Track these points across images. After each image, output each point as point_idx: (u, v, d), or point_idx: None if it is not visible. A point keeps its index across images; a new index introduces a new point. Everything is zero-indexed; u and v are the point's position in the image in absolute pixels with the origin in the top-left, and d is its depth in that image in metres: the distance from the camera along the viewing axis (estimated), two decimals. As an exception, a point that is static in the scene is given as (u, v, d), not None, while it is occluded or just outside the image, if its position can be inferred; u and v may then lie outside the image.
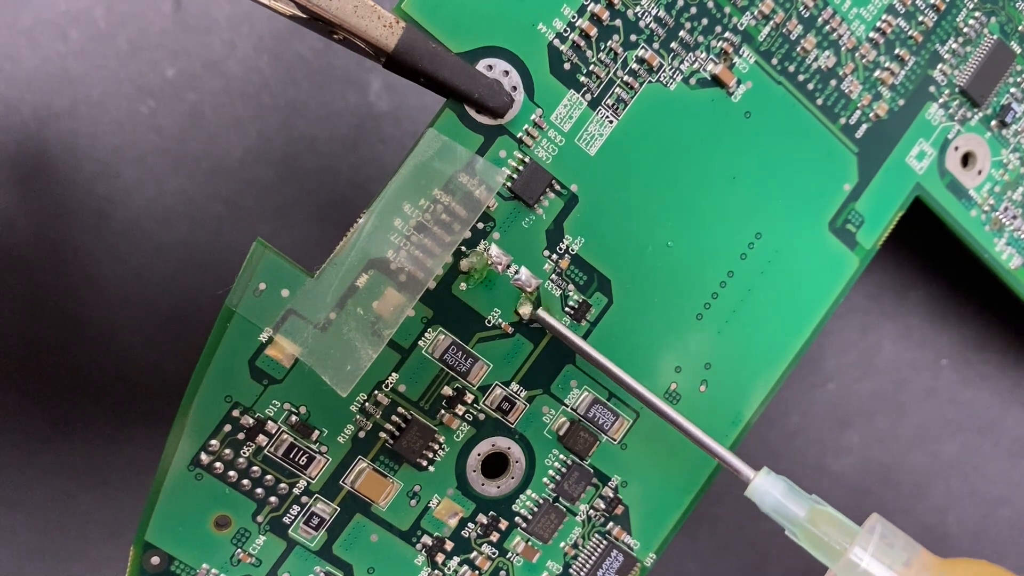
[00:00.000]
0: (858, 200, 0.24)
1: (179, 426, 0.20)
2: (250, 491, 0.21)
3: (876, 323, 0.31)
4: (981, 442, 0.32)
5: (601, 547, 0.24)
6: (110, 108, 0.27)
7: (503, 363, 0.22)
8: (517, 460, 0.23)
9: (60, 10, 0.27)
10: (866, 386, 0.32)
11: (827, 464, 0.32)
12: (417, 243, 0.20)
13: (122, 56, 0.27)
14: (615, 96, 0.22)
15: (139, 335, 0.28)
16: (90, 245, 0.27)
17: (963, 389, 0.32)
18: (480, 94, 0.20)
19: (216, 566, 0.21)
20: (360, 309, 0.20)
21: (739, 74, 0.23)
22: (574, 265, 0.22)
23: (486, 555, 0.23)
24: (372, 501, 0.22)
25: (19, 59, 0.27)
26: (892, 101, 0.24)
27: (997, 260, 0.26)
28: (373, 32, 0.19)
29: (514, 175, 0.21)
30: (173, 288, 0.28)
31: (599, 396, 0.23)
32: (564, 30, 0.21)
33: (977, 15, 0.24)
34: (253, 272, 0.20)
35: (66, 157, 0.27)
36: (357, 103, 0.29)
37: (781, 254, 0.24)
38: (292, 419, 0.21)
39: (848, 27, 0.23)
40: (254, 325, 0.20)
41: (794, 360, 0.24)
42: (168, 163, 0.28)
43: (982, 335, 0.32)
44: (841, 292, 0.24)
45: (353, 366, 0.20)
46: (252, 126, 0.28)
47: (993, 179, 0.25)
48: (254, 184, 0.28)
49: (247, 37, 0.28)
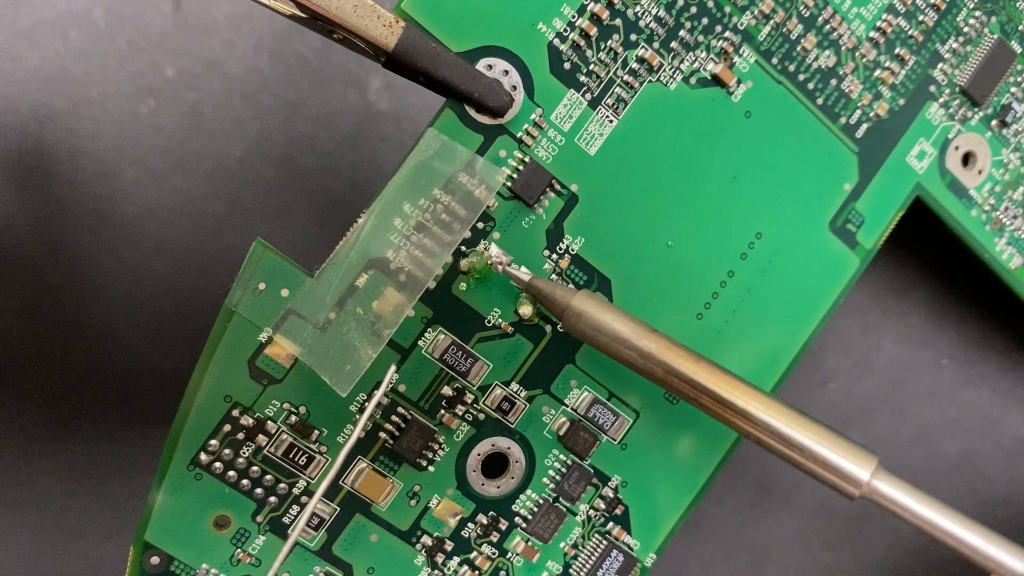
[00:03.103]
0: (858, 200, 0.24)
1: (179, 426, 0.20)
2: (250, 491, 0.21)
3: (876, 323, 0.31)
4: (981, 442, 0.32)
5: (601, 547, 0.24)
6: (110, 108, 0.27)
7: (503, 363, 0.22)
8: (517, 460, 0.23)
9: (60, 10, 0.27)
10: (866, 386, 0.32)
11: (827, 464, 0.32)
12: (417, 243, 0.20)
13: (122, 56, 0.27)
14: (615, 96, 0.22)
15: (139, 335, 0.28)
16: (90, 245, 0.27)
17: (963, 389, 0.32)
18: (480, 94, 0.20)
19: (216, 566, 0.21)
20: (360, 309, 0.20)
21: (739, 73, 0.23)
22: (574, 265, 0.22)
23: (486, 555, 0.23)
24: (372, 501, 0.22)
25: (19, 59, 0.27)
26: (892, 101, 0.24)
27: (997, 260, 0.26)
28: (373, 32, 0.19)
29: (514, 175, 0.21)
30: (173, 288, 0.28)
31: (599, 396, 0.23)
32: (564, 29, 0.21)
33: (977, 14, 0.24)
34: (253, 272, 0.20)
35: (66, 157, 0.27)
36: (357, 103, 0.29)
37: (781, 254, 0.24)
38: (292, 419, 0.21)
39: (848, 27, 0.23)
40: (254, 325, 0.20)
41: (795, 360, 0.24)
42: (168, 163, 0.28)
43: (982, 335, 0.32)
44: (841, 292, 0.24)
45: (353, 366, 0.20)
46: (252, 126, 0.28)
47: (993, 179, 0.25)
48: (254, 184, 0.28)
49: (247, 37, 0.28)
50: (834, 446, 0.19)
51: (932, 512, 0.19)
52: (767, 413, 0.19)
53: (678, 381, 0.19)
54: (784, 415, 0.19)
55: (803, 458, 0.19)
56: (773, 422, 0.19)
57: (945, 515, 0.19)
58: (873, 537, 0.32)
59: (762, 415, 0.19)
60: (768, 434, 0.19)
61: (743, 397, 0.19)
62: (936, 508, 0.19)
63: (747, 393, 0.19)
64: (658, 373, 0.19)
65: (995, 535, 0.19)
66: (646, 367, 0.19)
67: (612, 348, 0.20)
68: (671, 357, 0.19)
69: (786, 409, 0.19)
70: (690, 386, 0.19)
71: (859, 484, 0.19)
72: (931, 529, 0.19)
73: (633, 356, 0.20)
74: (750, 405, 0.19)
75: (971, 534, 0.18)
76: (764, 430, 0.19)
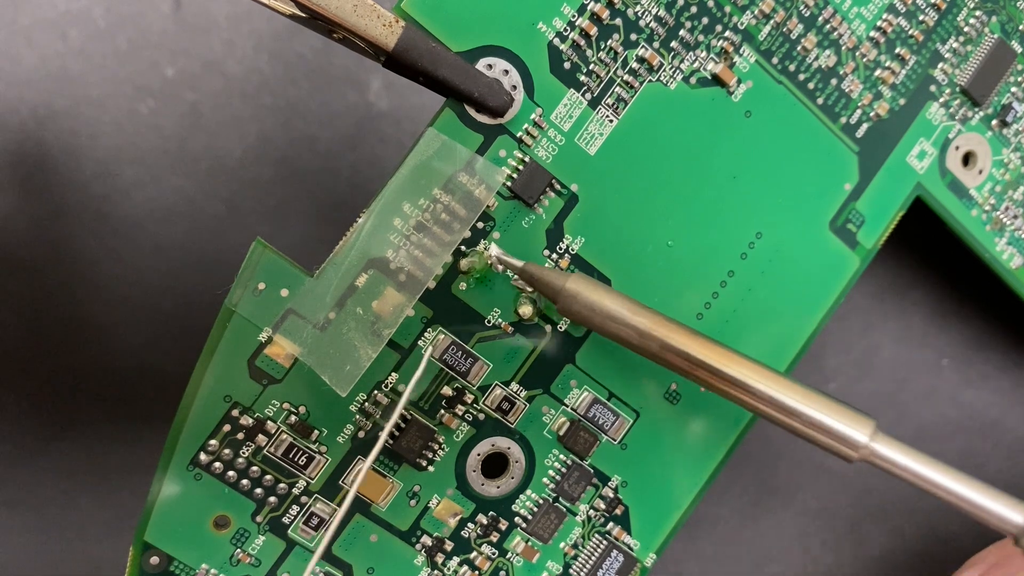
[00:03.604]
0: (859, 200, 0.24)
1: (178, 426, 0.20)
2: (249, 491, 0.21)
3: (876, 323, 0.31)
4: (982, 442, 0.32)
5: (601, 547, 0.24)
6: (110, 108, 0.27)
7: (503, 363, 0.22)
8: (517, 460, 0.23)
9: (59, 10, 0.27)
10: (867, 386, 0.32)
11: (827, 464, 0.32)
12: (417, 243, 0.20)
13: (122, 56, 0.27)
14: (615, 95, 0.22)
15: (139, 335, 0.28)
16: (90, 245, 0.27)
17: (964, 389, 0.32)
18: (480, 93, 0.20)
19: (215, 566, 0.21)
20: (360, 309, 0.20)
21: (739, 73, 0.23)
22: (574, 265, 0.22)
23: (486, 555, 0.23)
24: (372, 501, 0.22)
25: (19, 59, 0.27)
26: (893, 100, 0.24)
27: (998, 260, 0.26)
28: (373, 31, 0.19)
29: (514, 174, 0.21)
30: (173, 288, 0.28)
31: (599, 396, 0.23)
32: (564, 29, 0.21)
33: (978, 14, 0.24)
34: (253, 272, 0.20)
35: (66, 157, 0.27)
36: (357, 103, 0.29)
37: (781, 254, 0.24)
38: (292, 419, 0.21)
39: (849, 26, 0.23)
40: (254, 325, 0.20)
41: (795, 360, 0.24)
42: (168, 163, 0.28)
43: (983, 335, 0.32)
44: (842, 292, 0.24)
45: (352, 366, 0.20)
46: (252, 126, 0.28)
47: (994, 178, 0.25)
48: (254, 184, 0.28)
49: (247, 37, 0.28)
50: (832, 411, 0.19)
51: (930, 470, 0.19)
52: (765, 383, 0.19)
53: (673, 355, 0.19)
54: (782, 384, 0.19)
55: (802, 424, 0.19)
56: (771, 391, 0.19)
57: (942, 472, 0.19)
58: (873, 537, 0.32)
59: (760, 385, 0.19)
60: (767, 404, 0.19)
61: (740, 369, 0.19)
62: (933, 466, 0.19)
63: (744, 365, 0.19)
64: (654, 348, 0.19)
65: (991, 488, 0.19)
66: (642, 343, 0.20)
67: (608, 327, 0.20)
68: (665, 332, 0.19)
69: (783, 379, 0.19)
70: (686, 360, 0.19)
71: (857, 447, 0.19)
72: (930, 487, 0.19)
73: (629, 333, 0.20)
74: (748, 376, 0.19)
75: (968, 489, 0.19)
76: (763, 400, 0.19)
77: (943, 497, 0.19)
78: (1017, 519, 0.19)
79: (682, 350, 0.19)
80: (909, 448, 0.19)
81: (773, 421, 0.19)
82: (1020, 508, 0.19)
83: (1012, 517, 0.19)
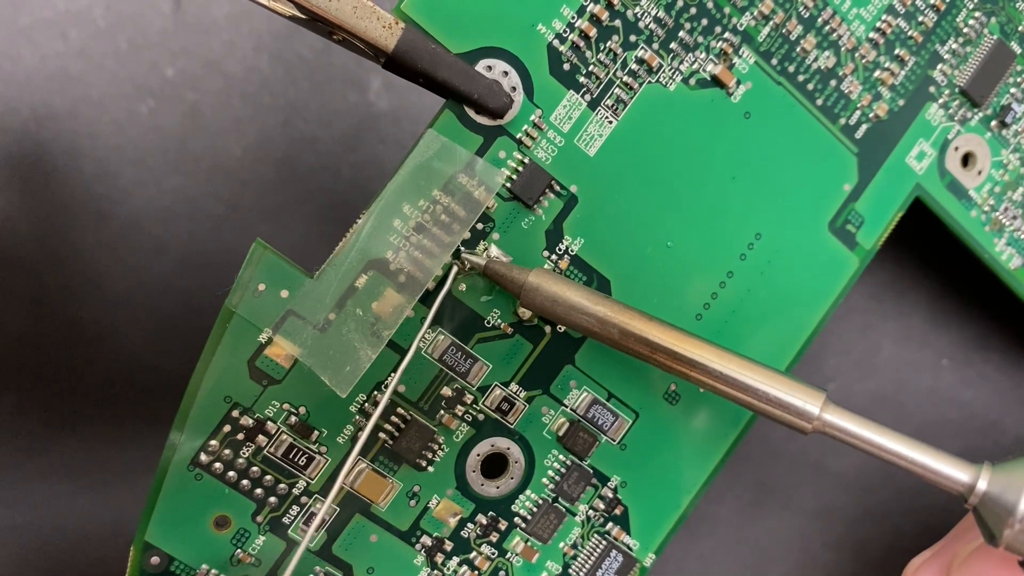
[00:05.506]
0: (858, 200, 0.24)
1: (179, 426, 0.20)
2: (249, 491, 0.21)
3: (876, 323, 0.31)
4: (981, 442, 0.32)
5: (600, 547, 0.24)
6: (110, 108, 0.27)
7: (503, 363, 0.22)
8: (516, 460, 0.23)
9: (59, 10, 0.27)
10: (866, 386, 0.32)
11: (827, 464, 0.32)
12: (416, 244, 0.20)
13: (122, 56, 0.27)
14: (615, 97, 0.22)
15: (139, 335, 0.28)
16: (90, 245, 0.27)
17: (964, 389, 0.32)
18: (479, 94, 0.20)
19: (216, 566, 0.21)
20: (359, 310, 0.20)
21: (739, 74, 0.23)
22: (573, 266, 0.22)
23: (485, 555, 0.23)
24: (372, 501, 0.22)
25: (18, 59, 0.27)
26: (892, 101, 0.24)
27: (997, 260, 0.26)
28: (372, 33, 0.19)
29: (513, 176, 0.21)
30: (173, 288, 0.28)
31: (598, 396, 0.23)
32: (563, 31, 0.21)
33: (977, 15, 0.24)
34: (253, 273, 0.20)
35: (66, 157, 0.27)
36: (357, 103, 0.29)
37: (781, 254, 0.24)
38: (292, 419, 0.21)
39: (848, 27, 0.23)
40: (254, 325, 0.20)
41: (794, 360, 0.24)
42: (168, 163, 0.28)
43: (982, 335, 0.32)
44: (841, 292, 0.24)
45: (352, 367, 0.20)
46: (252, 126, 0.28)
47: (993, 179, 0.25)
48: (254, 184, 0.28)
49: (247, 37, 0.28)
50: (784, 386, 0.20)
51: (880, 437, 0.20)
52: (721, 363, 0.20)
53: (633, 341, 0.20)
54: (737, 363, 0.20)
55: (757, 400, 0.20)
56: (726, 370, 0.20)
57: (892, 438, 0.20)
58: (873, 537, 0.32)
59: (716, 365, 0.20)
60: (723, 382, 0.20)
61: (695, 350, 0.20)
62: (883, 433, 0.20)
63: (699, 346, 0.20)
64: (615, 335, 0.20)
65: (940, 452, 0.20)
66: (603, 331, 0.20)
67: (570, 317, 0.21)
68: (624, 319, 0.20)
69: (738, 358, 0.20)
70: (645, 345, 0.20)
71: (810, 418, 0.20)
72: (881, 453, 0.20)
73: (590, 321, 0.20)
74: (704, 357, 0.20)
75: (918, 453, 0.20)
76: (718, 378, 0.20)
77: (895, 462, 0.20)
78: (964, 478, 0.20)
79: (640, 335, 0.20)
80: (859, 417, 0.20)
81: (731, 399, 0.20)
82: (967, 469, 0.20)
83: (959, 476, 0.20)
